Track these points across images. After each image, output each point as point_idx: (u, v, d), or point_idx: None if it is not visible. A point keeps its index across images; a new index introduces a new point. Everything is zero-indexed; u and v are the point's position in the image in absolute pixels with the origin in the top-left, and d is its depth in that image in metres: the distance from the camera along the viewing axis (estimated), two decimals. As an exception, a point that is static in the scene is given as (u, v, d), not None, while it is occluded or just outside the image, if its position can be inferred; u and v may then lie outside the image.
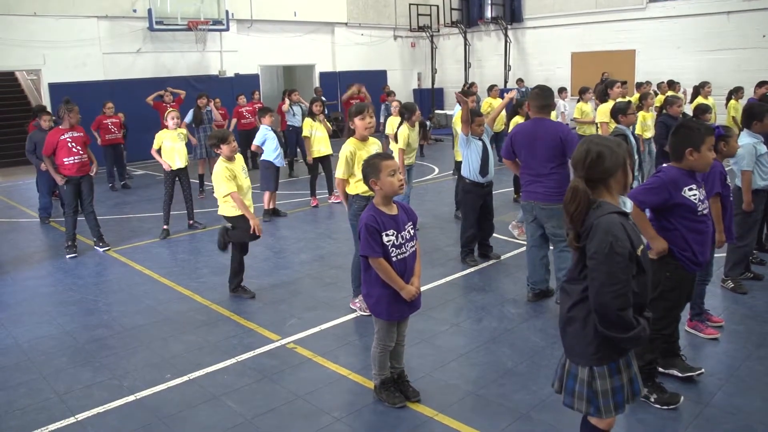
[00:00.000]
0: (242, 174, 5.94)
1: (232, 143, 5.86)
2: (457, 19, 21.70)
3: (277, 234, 8.45)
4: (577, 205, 2.73)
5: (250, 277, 6.28)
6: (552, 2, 20.08)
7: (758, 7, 16.00)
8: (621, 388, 2.75)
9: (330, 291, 6.15)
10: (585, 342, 2.72)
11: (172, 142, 8.29)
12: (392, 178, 3.70)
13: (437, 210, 9.45)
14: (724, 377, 4.27)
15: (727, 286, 5.83)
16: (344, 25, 20.80)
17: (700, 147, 3.65)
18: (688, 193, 3.70)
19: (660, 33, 17.70)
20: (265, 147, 9.05)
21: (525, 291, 5.90)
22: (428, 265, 6.57)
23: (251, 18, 18.08)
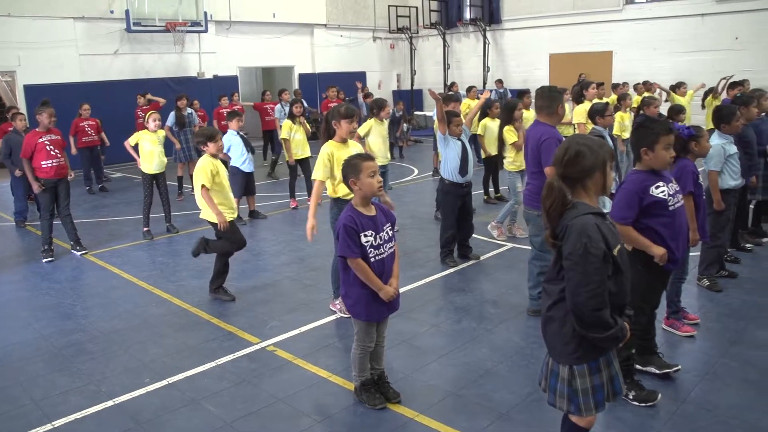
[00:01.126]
0: (224, 173, 5.97)
1: (219, 142, 5.92)
2: (436, 20, 21.74)
3: (257, 236, 8.41)
4: (552, 202, 2.76)
5: (229, 279, 6.24)
6: (530, 4, 20.21)
7: (731, 10, 16.25)
8: (601, 387, 2.77)
9: (310, 293, 6.14)
10: (564, 341, 2.74)
11: (151, 145, 8.22)
12: (372, 179, 3.71)
13: (417, 211, 9.47)
14: (700, 374, 4.32)
15: (703, 285, 5.90)
16: (323, 26, 20.76)
17: (654, 146, 3.70)
18: (656, 191, 3.75)
19: (636, 34, 17.88)
20: (231, 153, 8.92)
21: (504, 291, 5.94)
22: (408, 266, 6.58)
23: (230, 19, 17.99)
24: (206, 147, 5.88)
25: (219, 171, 5.87)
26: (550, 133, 5.09)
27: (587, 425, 2.90)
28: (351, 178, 3.74)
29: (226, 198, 5.94)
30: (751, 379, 4.25)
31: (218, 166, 5.87)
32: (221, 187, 5.88)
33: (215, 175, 5.82)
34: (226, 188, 5.95)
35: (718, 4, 16.51)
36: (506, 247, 7.46)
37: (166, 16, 16.10)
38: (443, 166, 6.79)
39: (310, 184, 10.06)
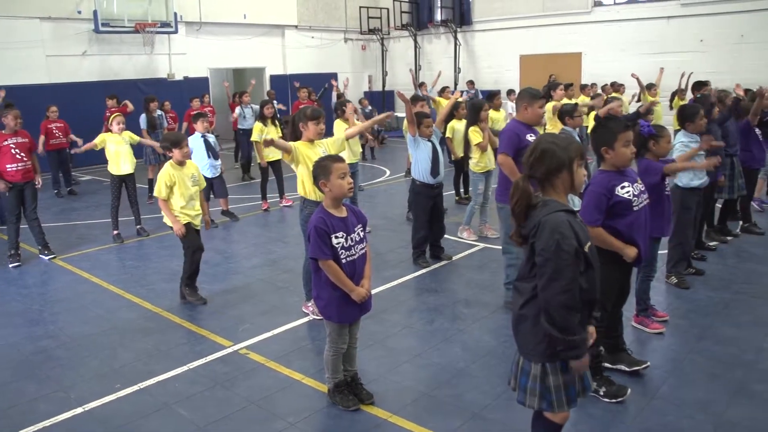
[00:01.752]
0: (188, 182, 5.82)
1: (185, 148, 5.79)
2: (407, 22, 21.78)
3: (228, 239, 8.36)
4: (516, 200, 2.79)
5: (200, 282, 6.19)
6: (500, 6, 20.36)
7: (695, 13, 16.56)
8: (573, 383, 2.80)
9: (282, 295, 6.11)
10: (536, 339, 2.76)
11: (116, 146, 8.12)
12: (342, 180, 3.71)
13: (389, 212, 9.48)
14: (668, 370, 4.40)
15: (671, 282, 6.01)
16: (294, 27, 20.68)
17: (614, 144, 3.76)
18: (622, 191, 3.81)
19: (605, 36, 18.12)
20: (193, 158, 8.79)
21: (477, 291, 5.98)
22: (380, 268, 6.59)
23: (200, 20, 17.82)
24: (171, 153, 5.77)
25: (178, 182, 5.73)
26: (510, 126, 5.36)
27: (562, 421, 2.93)
28: (321, 179, 3.73)
29: (187, 205, 5.81)
30: (717, 373, 4.34)
31: (175, 177, 5.72)
32: (182, 197, 5.75)
33: (174, 185, 5.72)
34: (185, 197, 5.78)
35: (683, 7, 16.80)
36: (478, 248, 7.51)
37: (135, 16, 15.90)
38: (414, 167, 6.81)
39: (282, 186, 10.06)
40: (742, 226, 7.85)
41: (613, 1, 18.43)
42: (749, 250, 7.12)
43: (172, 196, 5.77)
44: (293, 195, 9.89)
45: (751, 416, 3.81)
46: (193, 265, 5.92)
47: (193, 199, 5.86)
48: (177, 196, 5.76)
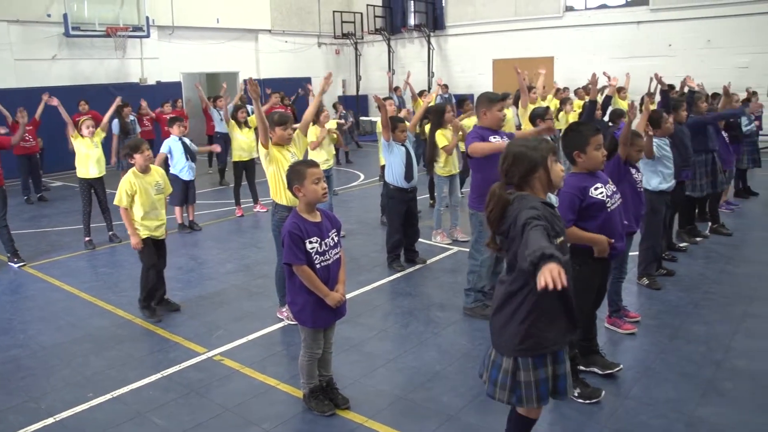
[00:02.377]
0: (152, 190, 5.61)
1: (146, 152, 5.59)
2: (380, 26, 21.84)
3: (202, 245, 8.30)
4: (492, 208, 2.82)
5: (174, 289, 6.14)
6: (473, 10, 20.50)
7: (664, 19, 16.88)
8: (545, 381, 2.81)
9: (256, 301, 6.08)
10: (511, 332, 2.79)
11: (86, 149, 8.03)
12: (316, 185, 3.70)
13: (363, 216, 9.48)
14: (641, 370, 4.45)
15: (643, 283, 6.08)
16: (268, 32, 20.61)
17: (586, 148, 3.80)
18: (595, 192, 3.85)
19: (576, 41, 18.35)
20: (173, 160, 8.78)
21: (451, 294, 6.01)
22: (355, 272, 6.59)
23: (172, 24, 17.68)
24: (133, 159, 5.56)
25: (140, 190, 5.54)
26: (473, 130, 5.33)
27: (535, 416, 2.97)
28: (295, 184, 3.72)
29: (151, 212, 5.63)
30: (687, 372, 4.40)
31: (136, 185, 5.53)
32: (144, 205, 5.56)
33: (135, 194, 5.53)
34: (146, 206, 5.58)
35: (652, 12, 17.09)
36: (452, 251, 7.54)
37: (106, 20, 15.72)
38: (388, 171, 6.82)
39: (255, 191, 10.00)
40: (711, 227, 7.99)
41: (584, 6, 18.69)
42: (718, 251, 7.24)
43: (133, 205, 5.57)
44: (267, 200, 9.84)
45: (720, 413, 3.87)
46: (148, 283, 5.73)
47: (156, 208, 5.65)
48: (137, 206, 5.55)
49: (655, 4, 17.11)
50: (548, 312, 2.78)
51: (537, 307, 2.76)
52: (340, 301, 3.76)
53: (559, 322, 2.81)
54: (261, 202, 10.03)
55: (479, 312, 5.45)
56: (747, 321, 5.29)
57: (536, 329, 2.77)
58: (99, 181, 8.19)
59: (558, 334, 2.81)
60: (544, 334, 2.78)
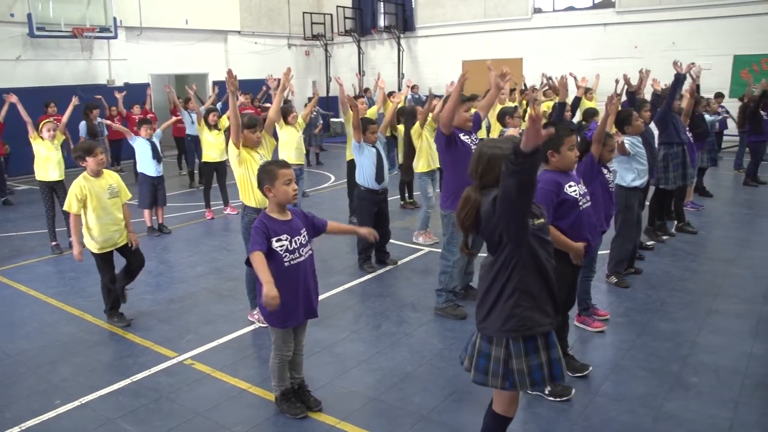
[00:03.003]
0: (105, 194, 5.40)
1: (99, 156, 5.37)
2: (350, 27, 21.82)
3: (171, 248, 8.21)
4: (466, 213, 2.83)
5: (142, 293, 6.06)
6: (443, 12, 20.59)
7: (630, 21, 17.15)
8: (539, 367, 2.83)
9: (227, 304, 6.03)
10: (496, 313, 2.81)
11: (46, 151, 7.90)
12: (287, 187, 3.68)
13: (333, 218, 9.26)
14: (610, 367, 4.52)
15: (611, 282, 6.17)
16: (237, 33, 20.46)
17: (560, 148, 3.84)
18: (569, 190, 3.90)
19: (545, 42, 18.53)
20: (138, 158, 8.72)
21: (422, 295, 6.02)
22: (326, 274, 6.56)
23: (140, 25, 17.45)
24: (85, 162, 5.36)
25: (91, 195, 5.33)
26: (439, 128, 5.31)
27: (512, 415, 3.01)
28: (266, 184, 3.69)
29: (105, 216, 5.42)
30: (655, 368, 4.48)
31: (86, 190, 5.33)
32: (96, 210, 5.36)
33: (85, 198, 5.33)
34: (98, 211, 5.38)
35: (618, 15, 17.35)
36: (423, 251, 7.56)
37: (72, 21, 15.44)
38: (359, 173, 6.81)
39: (225, 193, 9.92)
40: (677, 226, 8.13)
41: (552, 8, 18.89)
42: (684, 249, 7.37)
43: (86, 211, 5.38)
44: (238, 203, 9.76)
45: (687, 408, 3.95)
46: (110, 295, 5.58)
47: (110, 213, 5.44)
48: (90, 211, 5.36)
49: (621, 6, 17.37)
50: (531, 292, 2.80)
51: (521, 287, 2.78)
52: (274, 299, 3.35)
53: (541, 304, 2.83)
54: (231, 205, 9.95)
55: (450, 312, 5.47)
56: (711, 317, 5.39)
57: (520, 308, 2.78)
58: (60, 184, 8.02)
59: (541, 315, 2.82)
60: (528, 313, 2.79)
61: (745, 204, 9.88)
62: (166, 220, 9.16)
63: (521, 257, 2.75)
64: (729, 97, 15.10)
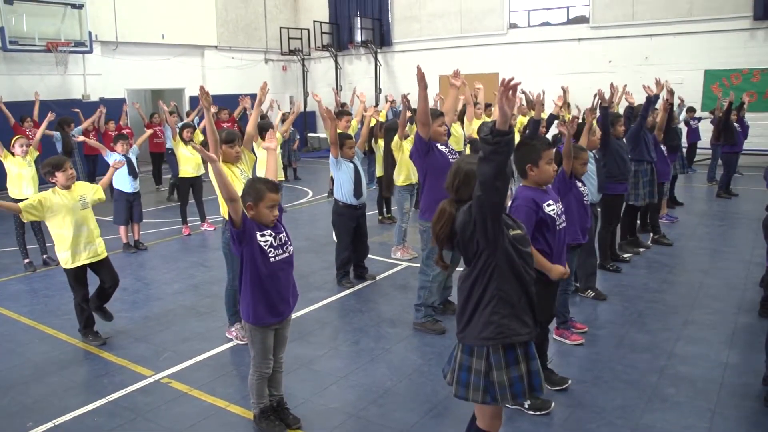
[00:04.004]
0: (77, 205, 5.31)
1: (68, 171, 5.28)
2: (328, 42, 21.87)
3: (148, 265, 8.12)
4: (441, 226, 2.85)
5: (118, 311, 5.98)
6: (419, 27, 20.74)
7: (604, 36, 17.43)
8: (519, 379, 2.83)
9: (205, 321, 5.97)
10: (474, 321, 2.82)
11: (18, 168, 7.79)
12: (269, 211, 3.66)
13: (312, 234, 9.42)
14: (589, 379, 4.55)
15: (588, 296, 6.19)
16: (214, 48, 20.41)
17: (539, 162, 3.84)
18: (547, 209, 3.91)
19: (520, 57, 18.73)
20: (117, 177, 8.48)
21: (401, 310, 6.02)
22: (304, 289, 6.51)
23: (116, 40, 17.34)
24: (54, 178, 5.27)
25: (60, 207, 5.23)
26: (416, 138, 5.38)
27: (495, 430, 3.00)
28: (249, 201, 3.66)
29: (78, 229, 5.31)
30: (633, 379, 4.52)
31: (60, 202, 5.24)
32: (69, 222, 5.26)
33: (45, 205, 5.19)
34: (66, 224, 5.27)
35: (592, 30, 17.62)
36: (401, 266, 7.56)
37: (46, 35, 15.27)
38: (337, 188, 6.81)
39: (202, 209, 9.86)
40: (652, 238, 8.23)
41: (528, 24, 19.12)
42: (660, 261, 7.45)
43: (58, 225, 5.26)
44: (215, 218, 9.71)
45: (665, 419, 3.99)
46: (83, 313, 5.50)
47: (84, 224, 5.34)
48: (62, 225, 5.26)
49: (596, 21, 17.64)
50: (509, 300, 2.80)
51: (499, 294, 2.78)
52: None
53: (520, 313, 2.83)
54: (208, 221, 9.88)
55: (429, 327, 5.47)
56: (688, 328, 5.46)
57: (497, 315, 2.78)
58: None
59: (520, 324, 2.82)
60: (505, 321, 2.79)
61: (718, 216, 10.04)
62: (143, 237, 9.07)
63: (498, 263, 2.76)
64: (701, 111, 15.43)
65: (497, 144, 2.47)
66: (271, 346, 3.87)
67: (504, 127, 2.47)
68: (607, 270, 6.98)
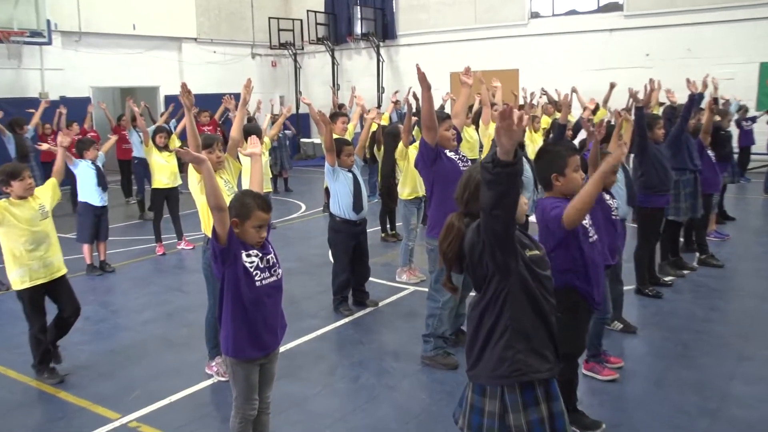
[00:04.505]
0: (35, 218, 5.28)
1: (27, 180, 5.25)
2: (323, 35, 21.98)
3: (115, 289, 8.11)
4: (449, 244, 2.82)
5: (79, 342, 5.95)
6: (427, 17, 20.84)
7: (640, 26, 17.45)
8: (539, 422, 2.79)
9: (181, 354, 5.95)
10: (486, 357, 2.79)
11: None
12: (256, 231, 3.64)
13: (305, 253, 9.41)
14: (624, 422, 4.48)
15: (615, 328, 6.06)
16: (193, 40, 20.54)
17: (565, 170, 3.83)
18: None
19: (544, 51, 18.76)
20: (80, 186, 8.59)
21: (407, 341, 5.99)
22: (296, 318, 6.49)
23: (79, 30, 17.41)
24: (9, 188, 5.21)
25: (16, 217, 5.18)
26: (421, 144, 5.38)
27: None
28: (234, 217, 3.63)
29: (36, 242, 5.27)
30: (679, 424, 4.45)
31: (16, 212, 5.20)
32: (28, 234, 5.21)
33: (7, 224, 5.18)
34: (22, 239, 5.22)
35: (626, 19, 17.67)
36: (407, 291, 7.53)
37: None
38: (333, 201, 6.80)
39: (179, 224, 9.84)
40: (699, 259, 8.16)
41: (552, 13, 19.19)
42: (708, 285, 7.40)
43: (13, 239, 5.21)
44: (193, 235, 9.71)
45: (717, 473, 3.92)
46: (39, 346, 5.43)
47: (43, 238, 5.30)
48: (16, 240, 5.20)
49: (630, 9, 17.70)
50: (525, 331, 2.77)
51: (513, 325, 2.75)
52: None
53: (538, 346, 2.80)
54: (186, 238, 9.88)
55: (440, 361, 5.43)
56: (743, 364, 5.40)
57: (512, 350, 2.75)
58: None
59: (538, 359, 2.79)
60: (521, 356, 2.76)
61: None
62: (109, 257, 9.06)
63: (511, 289, 2.73)
64: (755, 110, 15.35)
65: (497, 175, 2.44)
66: (256, 384, 3.83)
67: (506, 157, 2.41)
68: (645, 295, 6.92)
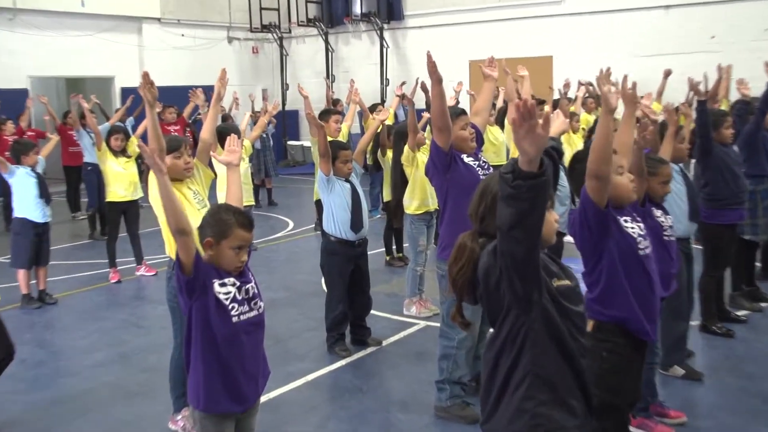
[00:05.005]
0: None
1: None
2: (315, 15, 21.99)
3: (57, 325, 8.12)
4: (460, 268, 2.81)
5: (12, 392, 5.95)
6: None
7: (703, 1, 17.30)
8: None
9: (138, 405, 5.94)
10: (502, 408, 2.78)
11: None
12: (235, 254, 3.61)
13: (292, 279, 9.42)
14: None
15: (675, 374, 6.01)
16: (157, 21, 20.63)
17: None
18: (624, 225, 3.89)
19: (582, 34, 18.67)
20: (17, 199, 8.57)
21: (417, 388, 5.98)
22: (281, 360, 6.48)
23: (14, 6, 17.45)
24: None
25: None
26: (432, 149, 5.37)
27: None
28: (209, 237, 3.61)
29: None
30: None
31: None
32: None
33: None
34: None
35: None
36: (417, 327, 7.53)
37: None
38: (327, 218, 6.81)
39: (138, 245, 9.84)
40: (781, 289, 8.11)
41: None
42: (792, 321, 7.37)
43: None
44: (157, 259, 9.72)
45: None
46: None
47: None
48: None
49: (691, -21, 17.56)
50: (549, 378, 2.74)
51: (534, 370, 2.73)
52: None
53: (565, 395, 2.78)
54: (147, 263, 9.88)
55: (457, 413, 5.40)
56: (838, 419, 5.36)
57: (532, 402, 2.72)
58: None
59: (564, 413, 2.76)
60: (543, 409, 2.73)
61: None
62: (51, 285, 9.07)
63: (532, 326, 2.71)
64: None
65: (517, 189, 2.41)
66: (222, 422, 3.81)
67: (528, 167, 2.38)
68: (712, 333, 6.88)
